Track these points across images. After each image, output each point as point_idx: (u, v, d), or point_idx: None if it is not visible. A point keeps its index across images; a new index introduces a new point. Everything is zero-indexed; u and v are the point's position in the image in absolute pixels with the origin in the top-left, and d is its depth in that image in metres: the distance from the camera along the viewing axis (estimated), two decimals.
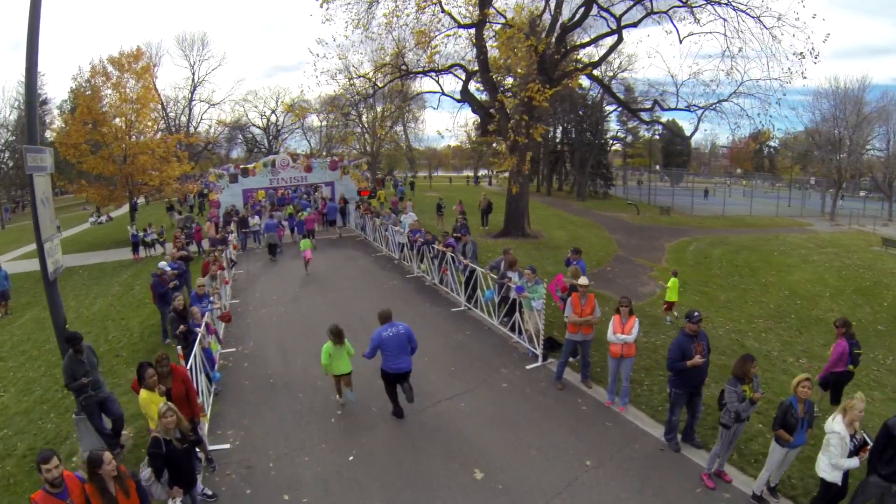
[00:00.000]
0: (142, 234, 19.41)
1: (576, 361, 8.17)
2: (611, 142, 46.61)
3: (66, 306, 14.99)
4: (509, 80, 18.20)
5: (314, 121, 45.38)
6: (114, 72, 23.20)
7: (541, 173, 44.11)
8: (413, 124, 49.38)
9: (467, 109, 34.04)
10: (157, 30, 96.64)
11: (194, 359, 6.21)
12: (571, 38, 20.10)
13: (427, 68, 19.91)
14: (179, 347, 6.52)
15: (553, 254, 17.42)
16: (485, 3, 17.47)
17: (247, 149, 52.47)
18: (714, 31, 17.20)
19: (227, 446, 6.26)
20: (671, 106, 19.19)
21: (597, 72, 23.17)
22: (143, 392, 4.93)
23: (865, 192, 44.33)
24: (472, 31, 18.49)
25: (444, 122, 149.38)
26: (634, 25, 18.43)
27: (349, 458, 5.97)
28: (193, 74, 46.10)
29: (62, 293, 16.89)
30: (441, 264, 11.76)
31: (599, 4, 17.36)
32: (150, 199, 33.18)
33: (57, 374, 8.61)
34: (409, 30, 18.39)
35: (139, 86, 23.68)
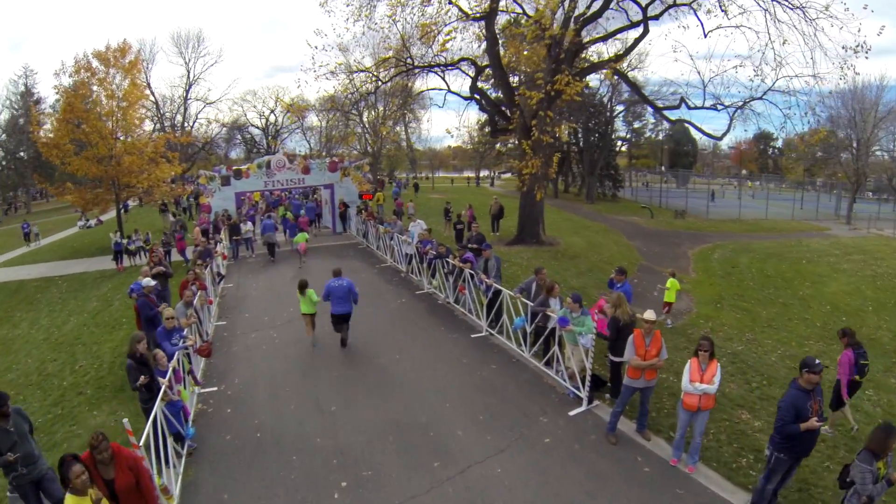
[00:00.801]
0: (125, 241, 17.87)
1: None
2: (618, 143, 45.23)
3: (38, 325, 13.55)
4: (537, 74, 16.66)
5: (314, 121, 44.09)
6: (100, 67, 21.78)
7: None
8: (414, 124, 48.10)
9: (473, 108, 32.98)
10: (156, 30, 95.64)
11: (153, 423, 4.73)
12: (589, 32, 18.73)
13: (434, 62, 18.49)
14: (141, 403, 5.11)
15: (573, 265, 15.98)
16: None
17: (246, 149, 51.17)
18: (742, 24, 15.89)
19: None
20: (697, 104, 17.75)
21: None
22: (70, 499, 3.45)
23: (872, 193, 43.22)
24: (482, 23, 17.14)
25: (449, 122, 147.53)
26: (655, 19, 17.20)
27: None
28: (189, 72, 44.70)
29: (37, 307, 15.46)
30: (457, 282, 10.31)
31: None
32: (144, 201, 31.75)
33: None
34: (413, 23, 17.09)
35: (126, 82, 22.32)
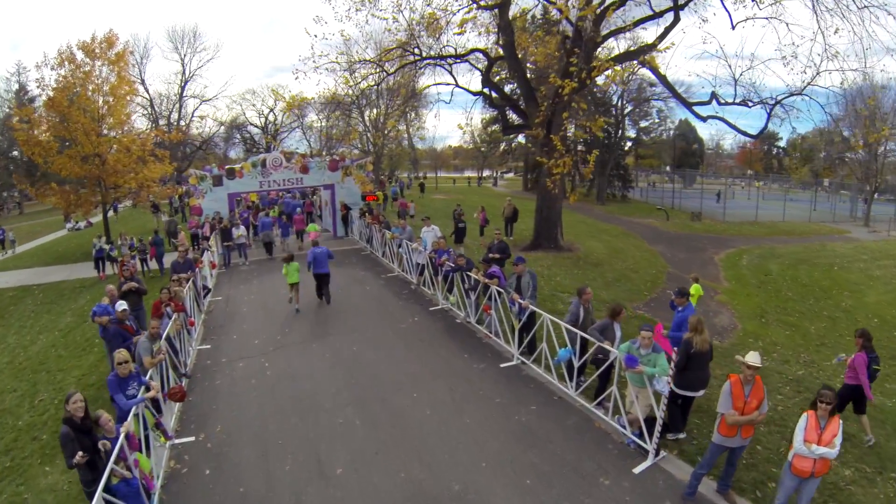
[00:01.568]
0: (107, 247, 16.42)
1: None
2: (628, 142, 43.88)
3: (4, 344, 11.95)
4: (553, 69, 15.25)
5: (314, 119, 42.62)
6: (85, 59, 20.36)
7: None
8: (417, 123, 46.70)
9: (479, 107, 31.48)
10: (155, 31, 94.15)
11: None
12: (608, 25, 17.36)
13: (442, 54, 17.09)
14: (83, 486, 3.70)
15: (598, 273, 14.55)
16: None
17: (245, 148, 49.74)
18: (773, 16, 14.57)
19: None
20: (727, 101, 16.40)
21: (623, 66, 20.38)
22: None
23: (878, 194, 42.07)
24: (495, 11, 15.76)
25: (451, 123, 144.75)
26: (681, 8, 15.93)
27: None
28: (184, 68, 43.07)
29: (8, 321, 13.83)
30: (480, 299, 8.88)
31: None
32: (136, 202, 30.22)
33: None
34: (421, 11, 15.72)
35: (114, 75, 20.91)
